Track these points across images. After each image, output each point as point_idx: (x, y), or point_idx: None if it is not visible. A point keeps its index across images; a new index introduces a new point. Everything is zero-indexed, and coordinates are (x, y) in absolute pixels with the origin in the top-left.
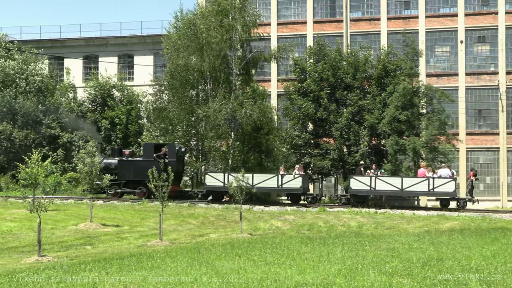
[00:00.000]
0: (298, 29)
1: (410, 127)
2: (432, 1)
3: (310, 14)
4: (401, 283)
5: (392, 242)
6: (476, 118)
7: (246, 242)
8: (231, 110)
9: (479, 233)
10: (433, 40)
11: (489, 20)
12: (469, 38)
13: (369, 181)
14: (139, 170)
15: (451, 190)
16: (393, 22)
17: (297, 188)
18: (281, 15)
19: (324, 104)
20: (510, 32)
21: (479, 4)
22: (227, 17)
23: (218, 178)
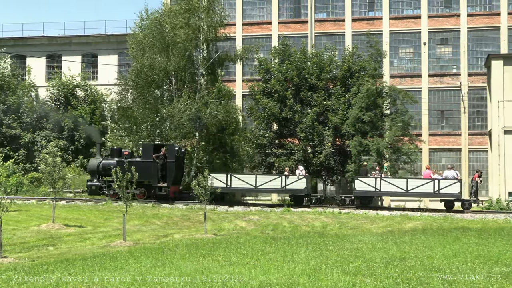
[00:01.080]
0: (263, 29)
1: (373, 128)
2: (396, 3)
3: (275, 14)
4: (364, 283)
5: (355, 242)
6: (438, 119)
7: (210, 243)
8: (196, 110)
9: (441, 232)
10: (397, 42)
11: (452, 22)
12: (432, 40)
13: (374, 183)
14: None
15: (457, 192)
16: (358, 23)
17: (301, 189)
18: (246, 16)
19: (289, 104)
20: (472, 34)
21: (442, 6)
22: (194, 17)
23: (220, 179)
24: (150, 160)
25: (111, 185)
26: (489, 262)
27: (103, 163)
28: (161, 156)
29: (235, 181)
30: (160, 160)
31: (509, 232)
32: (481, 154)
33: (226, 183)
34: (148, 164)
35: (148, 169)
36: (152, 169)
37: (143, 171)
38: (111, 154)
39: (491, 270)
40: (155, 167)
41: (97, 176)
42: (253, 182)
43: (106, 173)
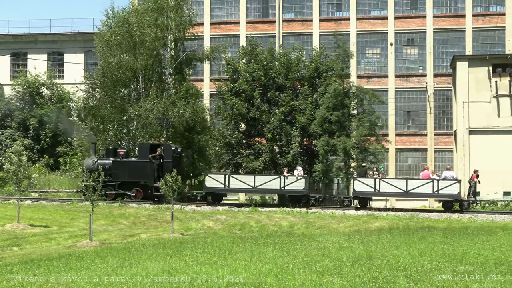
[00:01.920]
0: (231, 29)
1: (341, 127)
2: (363, 4)
3: (243, 14)
4: (331, 282)
5: (322, 241)
6: (405, 120)
7: (177, 242)
8: (163, 110)
9: (407, 232)
10: (364, 42)
11: (418, 23)
12: (398, 40)
13: (373, 183)
14: (134, 171)
15: (456, 192)
16: (325, 24)
17: (300, 189)
18: (214, 15)
19: (257, 104)
20: (437, 36)
21: (409, 7)
22: (162, 16)
23: (218, 179)
24: (146, 160)
25: (106, 186)
26: (454, 260)
27: (99, 163)
28: (158, 156)
29: (233, 182)
30: (156, 160)
31: (474, 231)
32: (446, 154)
33: (224, 183)
34: (144, 164)
35: (144, 169)
36: (148, 169)
37: (139, 171)
38: (106, 154)
39: (455, 268)
40: (151, 167)
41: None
42: (252, 183)
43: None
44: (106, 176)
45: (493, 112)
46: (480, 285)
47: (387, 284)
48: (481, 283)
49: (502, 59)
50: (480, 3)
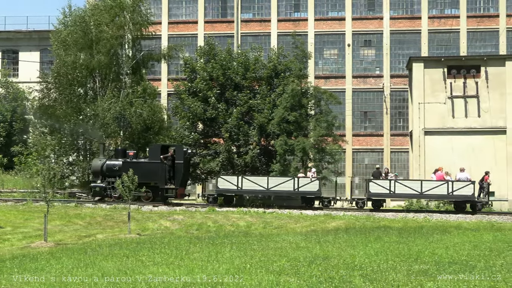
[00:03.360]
0: (189, 28)
1: (298, 127)
2: (321, 5)
3: (201, 14)
4: (288, 282)
5: (280, 241)
6: (362, 120)
7: (134, 243)
8: (121, 109)
9: (363, 232)
10: (322, 43)
11: (375, 25)
12: (356, 41)
13: (388, 185)
14: (145, 172)
15: (470, 194)
16: (283, 24)
17: (314, 191)
18: (172, 14)
19: (213, 104)
20: (394, 37)
21: (366, 9)
22: (120, 14)
23: (231, 181)
24: (157, 161)
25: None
26: (409, 260)
27: (107, 164)
28: (169, 157)
29: (246, 183)
30: (168, 161)
31: (428, 230)
32: (402, 154)
33: (237, 185)
34: (155, 165)
35: (155, 170)
36: (159, 170)
37: (149, 173)
38: (115, 154)
39: (410, 267)
40: (162, 168)
41: (101, 177)
42: (265, 184)
43: (111, 174)
44: (116, 177)
45: (448, 113)
46: (434, 283)
47: (343, 284)
48: (435, 281)
49: (456, 61)
50: (436, 5)
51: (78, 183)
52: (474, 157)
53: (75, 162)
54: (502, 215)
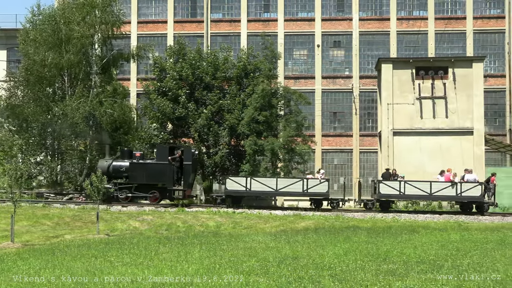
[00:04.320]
0: (158, 28)
1: (268, 128)
2: (291, 5)
3: (171, 13)
4: (257, 282)
5: (249, 241)
6: (331, 120)
7: (103, 243)
8: (90, 109)
9: (332, 231)
10: (291, 43)
11: (344, 26)
12: (325, 42)
13: (398, 186)
14: (152, 173)
15: (478, 195)
16: (253, 24)
17: (323, 192)
18: (142, 14)
19: (182, 103)
20: (363, 38)
21: (335, 10)
22: (90, 13)
23: (239, 182)
24: (165, 162)
25: (122, 188)
26: (378, 259)
27: (114, 165)
28: (178, 158)
29: (255, 185)
30: (176, 162)
31: (397, 230)
32: (371, 155)
33: (246, 186)
34: (163, 167)
35: (163, 172)
36: (167, 172)
37: (157, 174)
38: (121, 155)
39: (379, 267)
40: (170, 170)
41: (107, 179)
42: (274, 186)
43: (117, 176)
44: (122, 178)
45: (416, 114)
46: (402, 283)
47: (313, 284)
48: (403, 281)
49: (425, 62)
50: (404, 7)
51: (46, 183)
52: (442, 157)
53: (43, 162)
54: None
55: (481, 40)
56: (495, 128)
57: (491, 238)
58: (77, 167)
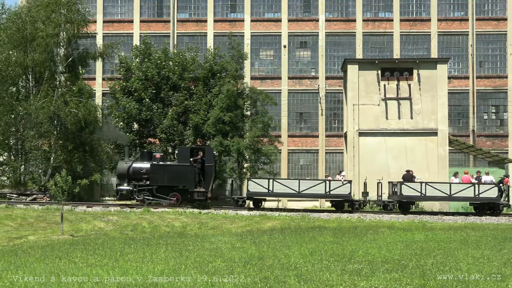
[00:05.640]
0: (124, 27)
1: (234, 128)
2: (257, 6)
3: (137, 13)
4: (223, 282)
5: (215, 242)
6: (297, 121)
7: (67, 244)
8: (55, 108)
9: (298, 232)
10: (258, 44)
11: (311, 26)
12: (292, 43)
13: (419, 187)
14: (174, 175)
15: (494, 196)
16: (220, 25)
17: (345, 194)
18: (108, 13)
19: (147, 104)
20: (329, 39)
21: (302, 11)
22: (56, 12)
23: (262, 184)
24: (187, 164)
25: (141, 190)
26: (343, 259)
27: (134, 167)
28: (199, 160)
29: (277, 186)
30: (197, 164)
31: (362, 230)
32: (337, 155)
33: (268, 188)
34: (185, 168)
35: (185, 173)
36: (189, 173)
37: (178, 176)
38: (141, 157)
39: (344, 267)
40: (192, 171)
41: (127, 181)
42: (296, 188)
43: (137, 177)
44: (142, 180)
45: (382, 115)
46: (367, 283)
47: (278, 284)
48: (368, 281)
49: (390, 63)
50: (370, 8)
51: (9, 183)
52: (407, 158)
53: (6, 162)
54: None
55: (445, 42)
56: (458, 129)
57: (454, 237)
58: (41, 167)
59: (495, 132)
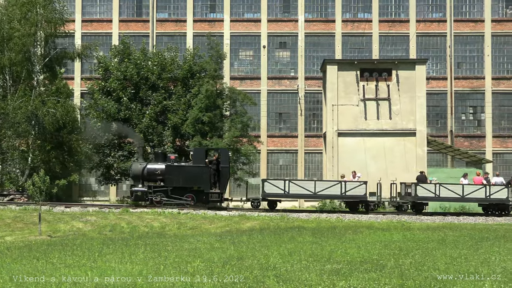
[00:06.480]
0: (103, 27)
1: (213, 128)
2: (237, 6)
3: (116, 12)
4: (202, 283)
5: (194, 242)
6: (276, 121)
7: (45, 245)
8: (32, 108)
9: (277, 232)
10: (237, 44)
11: (290, 27)
12: (271, 43)
13: (433, 189)
14: (189, 176)
15: (505, 197)
16: (199, 25)
17: (361, 195)
18: (86, 12)
19: (125, 104)
20: (308, 39)
21: (281, 11)
22: (32, 11)
23: (278, 185)
24: (202, 165)
25: (156, 191)
26: (322, 260)
27: (149, 168)
28: (215, 161)
29: (293, 187)
30: (213, 165)
31: (341, 230)
32: (316, 155)
33: (284, 189)
34: (200, 169)
35: (201, 175)
36: (204, 175)
37: (194, 177)
38: (155, 158)
39: (323, 267)
40: (207, 172)
41: (141, 182)
42: (312, 189)
43: (152, 178)
44: (157, 181)
45: (361, 115)
46: (346, 282)
47: (257, 284)
48: (347, 281)
49: (369, 64)
50: (349, 9)
51: None
52: (386, 158)
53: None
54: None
55: (424, 43)
56: (437, 130)
57: (432, 237)
58: (18, 167)
59: (473, 133)
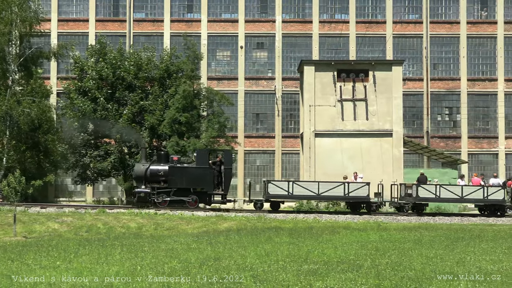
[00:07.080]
0: (79, 26)
1: (190, 129)
2: (214, 6)
3: (92, 12)
4: (179, 283)
5: (171, 243)
6: (254, 122)
7: (20, 246)
8: (7, 108)
9: (254, 232)
10: (215, 44)
11: (267, 27)
12: (248, 44)
13: (434, 189)
14: (192, 178)
15: (501, 198)
16: (176, 25)
17: (364, 196)
18: (62, 12)
19: (102, 104)
20: (286, 40)
21: (259, 11)
22: (7, 10)
23: (281, 186)
24: (206, 166)
25: (160, 192)
26: (299, 260)
27: (151, 169)
28: (218, 163)
29: (297, 189)
30: (216, 166)
31: (318, 231)
32: (293, 156)
33: (288, 190)
34: (204, 171)
35: (203, 176)
36: (207, 176)
37: (197, 178)
38: (158, 159)
39: (300, 267)
40: (211, 174)
41: (145, 183)
42: (316, 190)
43: (155, 180)
44: (160, 182)
45: (338, 116)
46: (323, 283)
47: (234, 285)
48: (324, 281)
49: (346, 65)
50: (326, 10)
51: None
52: (363, 158)
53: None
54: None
55: (400, 44)
56: (413, 131)
57: (408, 237)
58: None
59: (449, 134)
